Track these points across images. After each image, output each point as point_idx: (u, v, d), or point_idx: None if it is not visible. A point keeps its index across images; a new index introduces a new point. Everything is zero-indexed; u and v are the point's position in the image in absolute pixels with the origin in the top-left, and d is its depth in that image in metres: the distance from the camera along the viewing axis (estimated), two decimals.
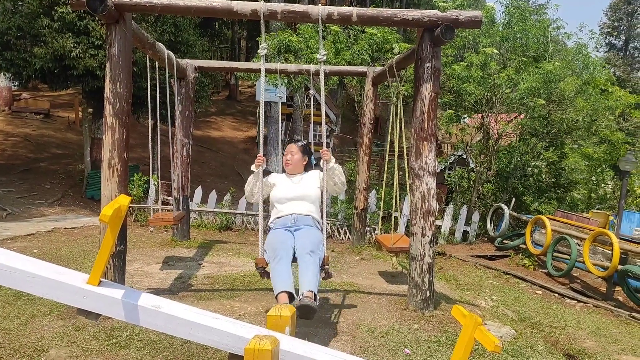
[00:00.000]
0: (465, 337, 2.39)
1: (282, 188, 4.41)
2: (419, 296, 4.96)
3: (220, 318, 2.49)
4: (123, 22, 4.76)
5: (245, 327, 2.52)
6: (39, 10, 10.56)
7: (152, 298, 2.38)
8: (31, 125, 18.33)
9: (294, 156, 4.46)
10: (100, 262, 2.23)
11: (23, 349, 3.65)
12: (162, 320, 2.30)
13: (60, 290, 2.18)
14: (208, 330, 2.36)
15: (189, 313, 2.41)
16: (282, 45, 10.34)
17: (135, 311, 2.26)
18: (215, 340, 2.38)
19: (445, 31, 4.72)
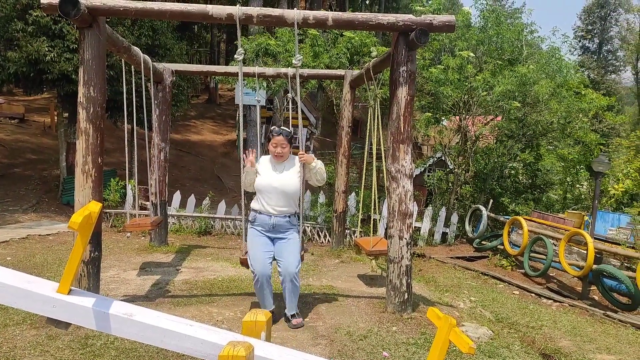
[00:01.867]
0: (440, 339, 2.40)
1: (266, 177, 4.49)
2: (397, 298, 4.98)
3: (195, 325, 2.46)
4: (97, 26, 4.71)
5: (220, 333, 2.49)
6: (12, 14, 10.39)
7: (125, 306, 2.34)
8: (5, 131, 18.00)
9: (284, 149, 4.48)
10: (70, 270, 2.19)
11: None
12: (135, 328, 2.26)
13: (29, 300, 2.14)
14: (182, 337, 2.33)
15: (162, 320, 2.37)
16: (260, 48, 10.32)
17: (107, 320, 2.22)
18: (189, 348, 2.35)
19: (419, 35, 4.76)
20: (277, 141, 4.46)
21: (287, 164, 4.57)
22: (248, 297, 5.41)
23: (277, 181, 4.46)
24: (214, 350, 2.34)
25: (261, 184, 4.48)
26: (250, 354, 2.26)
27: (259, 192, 4.50)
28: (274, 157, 4.52)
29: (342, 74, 8.22)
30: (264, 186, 4.46)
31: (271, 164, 4.57)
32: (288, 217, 4.50)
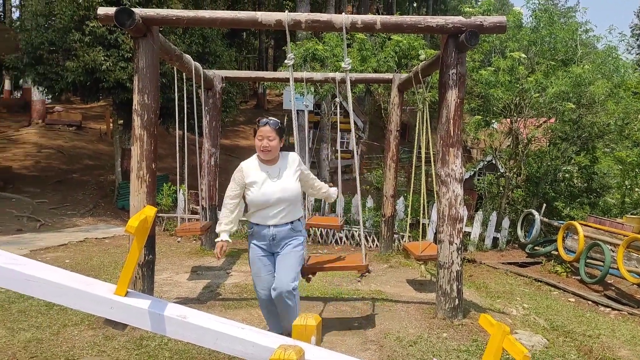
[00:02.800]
0: (493, 347, 2.34)
1: (260, 188, 3.71)
2: (448, 304, 4.89)
3: (246, 328, 2.49)
4: (150, 36, 4.86)
5: (270, 336, 2.52)
6: (70, 25, 10.84)
7: (178, 308, 2.39)
8: (64, 137, 18.80)
9: (271, 142, 3.70)
10: (127, 272, 2.26)
11: (55, 358, 3.73)
12: (188, 330, 2.31)
13: (88, 301, 2.22)
14: (233, 340, 2.36)
15: (214, 323, 2.42)
16: (308, 54, 10.39)
17: (162, 321, 2.28)
18: (240, 350, 2.38)
19: (469, 37, 4.68)
20: (263, 133, 3.69)
21: (281, 165, 3.81)
22: None
23: (279, 191, 3.71)
24: (265, 354, 2.36)
25: (259, 200, 3.71)
26: (301, 358, 2.27)
27: (256, 207, 3.76)
28: (261, 153, 3.72)
29: (390, 78, 8.16)
30: (263, 202, 3.71)
31: (262, 170, 3.76)
32: (290, 223, 3.82)
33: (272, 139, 3.70)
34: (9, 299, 5.06)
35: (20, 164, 15.14)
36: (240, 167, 3.79)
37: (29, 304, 4.95)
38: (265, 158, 3.74)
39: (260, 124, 3.74)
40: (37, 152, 16.69)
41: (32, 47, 11.02)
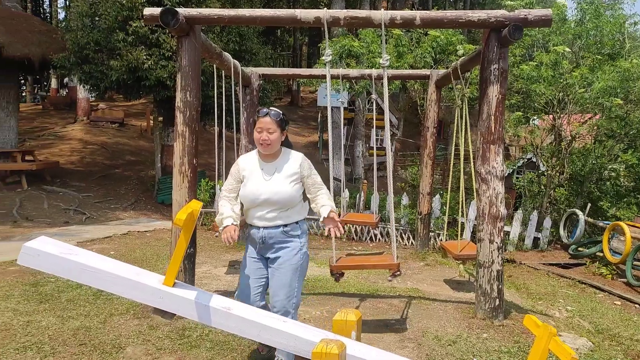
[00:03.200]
0: (539, 348, 2.30)
1: (252, 184, 3.34)
2: (488, 304, 4.82)
3: (288, 321, 2.53)
4: (193, 34, 4.94)
5: (312, 330, 2.54)
6: (114, 25, 11.13)
7: (223, 300, 2.45)
8: (107, 134, 19.33)
9: (271, 134, 3.29)
10: (175, 264, 2.33)
11: (102, 345, 3.86)
12: (233, 321, 2.37)
13: (138, 291, 2.30)
14: (276, 332, 2.41)
15: (257, 315, 2.46)
16: (344, 50, 10.38)
17: (207, 312, 2.34)
18: (282, 343, 2.42)
19: (513, 31, 4.59)
20: (263, 124, 3.29)
21: (279, 163, 3.38)
22: (334, 297, 5.47)
23: (267, 192, 3.29)
24: (306, 347, 2.39)
25: (246, 197, 3.34)
26: (342, 352, 2.29)
27: (245, 205, 3.39)
28: (259, 147, 3.34)
29: (427, 74, 8.08)
30: (251, 200, 3.32)
31: (259, 164, 3.40)
32: (284, 226, 3.34)
33: (272, 132, 3.29)
34: (58, 289, 5.26)
35: (67, 160, 15.64)
36: (238, 161, 3.49)
37: (77, 293, 5.14)
38: (265, 152, 3.35)
39: (260, 114, 3.35)
40: (82, 148, 17.22)
41: (79, 47, 11.37)
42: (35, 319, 4.41)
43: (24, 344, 3.86)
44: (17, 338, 3.97)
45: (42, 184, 12.79)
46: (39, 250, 2.28)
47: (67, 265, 2.27)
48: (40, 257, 2.27)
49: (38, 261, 2.27)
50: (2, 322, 4.29)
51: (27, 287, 5.32)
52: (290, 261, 3.31)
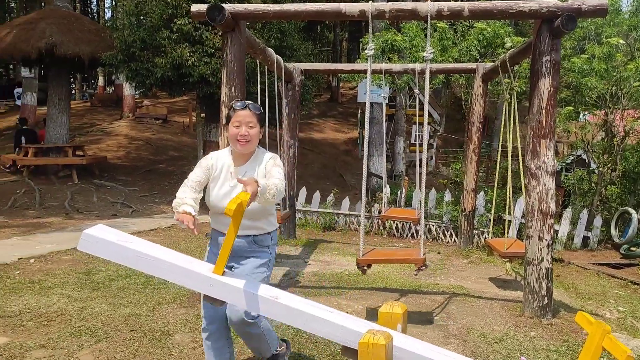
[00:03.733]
0: (591, 346, 2.22)
1: (218, 189, 2.94)
2: (536, 303, 4.70)
3: (334, 312, 2.53)
4: (238, 30, 5.00)
5: (359, 321, 2.53)
6: (160, 23, 11.36)
7: (271, 289, 2.47)
8: (152, 130, 19.80)
9: (251, 130, 2.88)
10: (224, 253, 2.36)
11: (152, 332, 3.96)
12: (280, 309, 2.38)
13: (190, 278, 2.35)
14: (323, 322, 2.41)
15: (304, 305, 2.47)
16: (386, 45, 10.27)
17: (256, 300, 2.36)
18: (328, 332, 2.42)
19: (566, 22, 4.44)
20: (241, 118, 2.86)
21: (250, 167, 2.95)
22: (375, 292, 5.44)
23: (230, 196, 2.86)
24: (352, 337, 2.38)
25: (213, 202, 2.96)
26: (389, 343, 2.27)
27: (211, 209, 3.01)
28: (237, 144, 2.89)
29: (473, 67, 7.92)
30: (217, 206, 2.92)
31: (229, 165, 2.96)
32: (253, 236, 2.98)
33: (253, 126, 2.88)
34: (109, 277, 5.43)
35: (114, 155, 16.12)
36: (211, 155, 3.04)
37: (127, 282, 5.29)
38: (243, 150, 2.91)
39: (237, 106, 2.91)
40: (128, 143, 17.70)
41: (126, 45, 11.66)
42: (89, 305, 4.57)
43: (79, 328, 4.02)
44: (72, 323, 4.14)
45: (91, 178, 13.22)
46: (98, 237, 2.35)
47: (125, 252, 2.34)
48: (99, 244, 2.34)
49: (96, 247, 2.35)
50: (58, 307, 4.48)
51: (80, 275, 5.52)
52: (255, 272, 2.92)
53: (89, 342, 3.76)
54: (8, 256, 6.25)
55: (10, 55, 12.94)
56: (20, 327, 4.02)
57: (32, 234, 7.87)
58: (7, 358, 3.45)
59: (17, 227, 8.33)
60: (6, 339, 3.78)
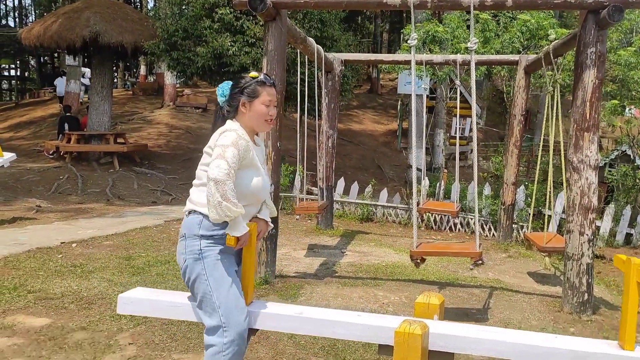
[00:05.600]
0: (628, 282, 2.23)
1: (260, 175, 2.53)
2: (576, 298, 4.62)
3: (362, 314, 2.62)
4: (279, 19, 5.05)
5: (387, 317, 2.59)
6: (201, 13, 11.54)
7: (294, 307, 2.63)
8: (191, 119, 20.14)
9: (275, 109, 2.57)
10: (250, 284, 2.61)
11: None
12: (307, 323, 2.50)
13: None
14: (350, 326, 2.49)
15: (330, 314, 2.58)
16: (427, 36, 10.16)
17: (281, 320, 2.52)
18: (357, 335, 2.51)
19: (613, 12, 4.32)
20: (272, 96, 2.51)
21: (258, 146, 2.64)
22: (413, 284, 5.45)
23: (268, 182, 2.64)
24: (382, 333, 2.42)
25: (257, 190, 2.51)
26: (425, 333, 2.29)
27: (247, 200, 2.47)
28: (265, 125, 2.54)
29: (516, 59, 7.77)
30: (255, 196, 2.52)
31: (251, 146, 2.49)
32: None
33: (276, 106, 2.59)
34: (148, 263, 5.60)
35: (154, 143, 16.49)
36: (241, 134, 2.44)
37: (165, 268, 5.45)
38: (267, 130, 2.72)
39: (267, 81, 2.51)
40: (168, 132, 18.08)
41: (168, 34, 11.89)
42: (129, 289, 4.71)
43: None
44: (112, 306, 4.25)
45: (132, 166, 13.59)
46: (136, 298, 2.78)
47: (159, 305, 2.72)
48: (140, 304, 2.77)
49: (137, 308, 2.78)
50: (98, 291, 4.64)
51: (120, 261, 5.70)
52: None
53: (128, 326, 3.89)
54: (51, 240, 6.45)
55: (56, 44, 13.31)
56: (62, 309, 4.16)
57: (74, 219, 8.13)
58: (49, 338, 3.60)
59: (60, 212, 8.63)
60: (49, 320, 3.93)
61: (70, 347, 3.48)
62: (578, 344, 2.32)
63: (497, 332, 2.46)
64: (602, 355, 2.24)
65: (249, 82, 2.49)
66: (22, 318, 3.94)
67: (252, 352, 3.52)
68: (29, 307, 4.17)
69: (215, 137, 2.45)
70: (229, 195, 2.26)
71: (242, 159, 2.39)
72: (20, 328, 3.75)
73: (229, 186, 2.27)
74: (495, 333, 2.42)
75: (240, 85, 2.50)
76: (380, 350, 2.43)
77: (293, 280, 5.36)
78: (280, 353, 3.55)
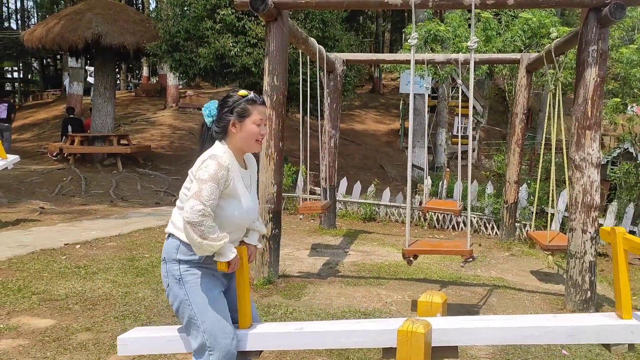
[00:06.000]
0: (616, 254, 2.29)
1: (245, 199, 2.45)
2: (579, 296, 4.63)
3: (362, 321, 2.66)
4: (281, 19, 5.06)
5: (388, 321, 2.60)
6: (203, 14, 11.56)
7: (294, 324, 2.71)
8: (194, 120, 20.16)
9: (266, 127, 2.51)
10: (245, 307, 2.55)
11: None
12: (309, 338, 2.50)
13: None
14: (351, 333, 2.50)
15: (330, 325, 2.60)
16: (429, 35, 10.16)
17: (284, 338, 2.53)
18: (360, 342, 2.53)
19: (615, 10, 4.33)
20: (263, 115, 2.45)
21: (251, 169, 2.58)
22: (415, 283, 5.45)
23: (253, 208, 2.53)
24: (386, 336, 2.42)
25: (239, 220, 2.44)
26: (428, 332, 2.29)
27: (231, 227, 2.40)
28: (255, 145, 2.46)
29: (517, 58, 7.78)
30: (239, 223, 2.46)
31: (237, 171, 2.43)
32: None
33: (267, 124, 2.55)
34: (152, 264, 5.62)
35: (157, 144, 16.52)
36: (224, 164, 2.32)
37: None
38: (257, 150, 2.54)
39: (257, 100, 2.45)
40: (171, 133, 18.11)
41: (170, 35, 11.91)
42: (133, 290, 4.74)
43: (123, 312, 4.18)
44: (116, 307, 4.30)
45: (136, 167, 13.62)
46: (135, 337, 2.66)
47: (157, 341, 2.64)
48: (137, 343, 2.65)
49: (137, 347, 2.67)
50: (103, 292, 4.66)
51: (124, 262, 5.72)
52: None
53: (133, 326, 3.88)
54: (55, 242, 6.48)
55: (59, 45, 13.36)
56: (67, 310, 4.19)
57: (78, 220, 8.17)
58: (54, 339, 3.62)
59: (63, 214, 8.66)
60: (53, 321, 3.96)
61: (74, 348, 3.51)
62: (576, 320, 2.35)
63: (496, 319, 2.49)
64: (602, 328, 2.28)
65: (237, 100, 2.42)
66: (26, 319, 3.97)
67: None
68: (33, 309, 4.19)
69: (198, 164, 2.37)
70: (207, 234, 2.23)
71: (222, 191, 2.32)
72: (25, 329, 3.78)
73: (206, 225, 2.23)
74: (494, 321, 2.45)
75: (229, 105, 2.43)
76: (385, 354, 2.43)
77: (296, 280, 5.37)
78: (283, 353, 3.56)
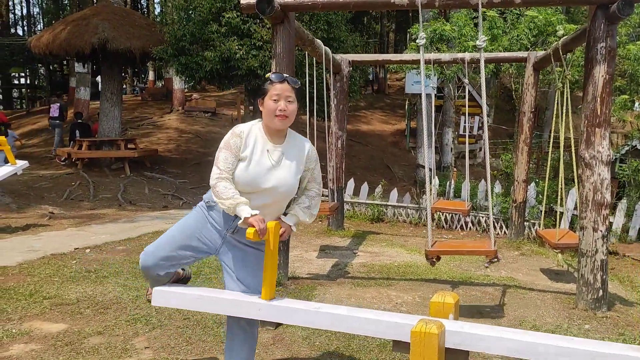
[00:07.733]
0: None
1: (256, 167, 2.63)
2: (590, 295, 4.60)
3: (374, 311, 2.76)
4: (287, 22, 5.06)
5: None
6: (208, 17, 11.60)
7: (312, 303, 2.75)
8: (200, 123, 20.24)
9: (290, 105, 2.62)
10: (271, 277, 2.68)
11: (204, 321, 4.09)
12: (323, 318, 2.58)
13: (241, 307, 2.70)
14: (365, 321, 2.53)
15: (345, 309, 2.64)
16: (435, 35, 10.14)
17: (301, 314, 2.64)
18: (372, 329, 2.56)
19: (623, 6, 4.31)
20: (280, 91, 2.60)
21: (287, 148, 2.71)
22: (425, 283, 5.44)
23: (274, 178, 2.64)
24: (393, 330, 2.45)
25: (244, 181, 2.63)
26: (441, 333, 2.29)
27: (237, 185, 2.63)
28: (275, 120, 2.61)
29: (524, 56, 7.74)
30: (249, 186, 2.63)
31: (263, 142, 2.67)
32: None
33: (292, 101, 2.62)
34: None
35: (164, 148, 16.59)
36: (239, 131, 2.64)
37: None
38: (280, 127, 2.64)
39: (275, 79, 2.63)
40: (178, 136, 18.18)
41: (175, 39, 11.95)
42: (143, 294, 4.73)
43: (134, 316, 4.18)
44: (127, 311, 4.30)
45: (143, 171, 13.69)
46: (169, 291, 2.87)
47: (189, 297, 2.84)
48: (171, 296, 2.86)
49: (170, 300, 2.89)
50: (114, 296, 4.67)
51: (134, 265, 5.72)
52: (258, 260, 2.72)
53: (144, 330, 3.92)
54: (65, 246, 6.51)
55: (65, 51, 13.48)
56: (78, 315, 4.20)
57: (87, 224, 8.21)
58: (66, 344, 3.63)
59: (72, 219, 8.70)
60: (65, 325, 3.97)
61: (87, 352, 3.52)
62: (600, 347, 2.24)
63: (512, 331, 2.46)
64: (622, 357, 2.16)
65: (262, 83, 2.73)
66: (38, 324, 3.98)
67: (267, 353, 3.54)
68: (45, 313, 4.21)
69: None
70: (221, 194, 2.61)
71: (238, 156, 2.65)
72: (37, 334, 3.79)
73: (220, 187, 2.61)
74: (510, 332, 2.42)
75: (261, 85, 2.74)
76: (395, 347, 2.44)
77: (306, 281, 5.37)
78: (295, 354, 3.56)
